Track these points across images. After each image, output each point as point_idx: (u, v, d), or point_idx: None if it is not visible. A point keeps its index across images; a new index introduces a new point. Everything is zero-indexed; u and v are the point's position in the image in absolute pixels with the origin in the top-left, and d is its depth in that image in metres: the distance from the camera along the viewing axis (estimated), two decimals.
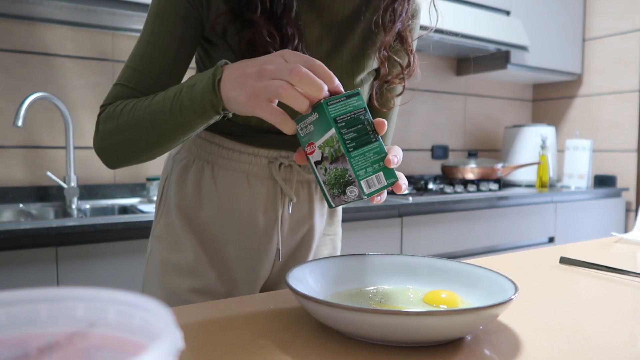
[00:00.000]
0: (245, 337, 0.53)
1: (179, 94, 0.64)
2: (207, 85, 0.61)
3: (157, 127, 0.67)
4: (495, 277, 0.60)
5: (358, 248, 1.78)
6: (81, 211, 1.75)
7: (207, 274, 0.81)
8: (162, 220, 0.84)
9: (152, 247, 0.85)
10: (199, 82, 0.63)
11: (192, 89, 0.63)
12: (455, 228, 2.08)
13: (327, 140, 0.57)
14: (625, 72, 2.79)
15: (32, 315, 0.27)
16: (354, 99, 0.58)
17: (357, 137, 0.57)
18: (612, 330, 0.57)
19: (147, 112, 0.67)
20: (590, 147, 2.68)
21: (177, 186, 0.83)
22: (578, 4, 2.89)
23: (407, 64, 0.83)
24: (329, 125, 0.56)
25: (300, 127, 0.59)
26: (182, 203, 0.82)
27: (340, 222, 0.96)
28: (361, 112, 0.57)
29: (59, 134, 1.81)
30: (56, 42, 1.80)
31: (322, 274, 0.65)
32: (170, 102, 0.65)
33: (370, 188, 0.58)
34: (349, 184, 0.58)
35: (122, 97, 0.73)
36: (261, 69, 0.57)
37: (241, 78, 0.59)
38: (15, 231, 1.24)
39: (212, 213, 0.81)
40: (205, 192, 0.81)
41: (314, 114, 0.57)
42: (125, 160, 0.75)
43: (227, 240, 0.82)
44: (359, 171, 0.57)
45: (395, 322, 0.47)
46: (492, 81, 3.03)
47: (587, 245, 1.09)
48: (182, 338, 0.23)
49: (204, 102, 0.62)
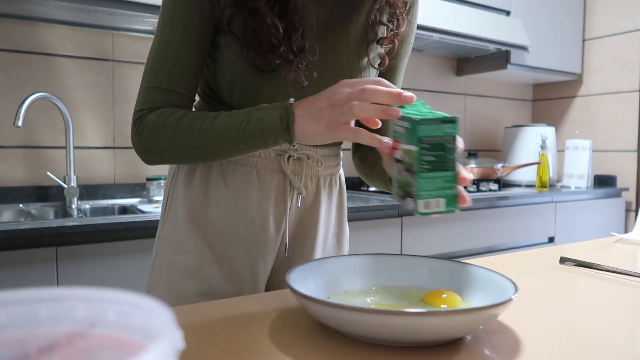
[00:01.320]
0: (245, 337, 0.53)
1: (245, 125, 0.68)
2: (280, 125, 0.66)
3: (218, 151, 0.71)
4: (495, 277, 0.60)
5: (358, 248, 1.78)
6: (81, 211, 1.75)
7: (213, 275, 0.81)
8: (168, 222, 0.84)
9: (158, 249, 0.84)
10: (267, 117, 0.67)
11: (261, 122, 0.67)
12: (455, 228, 2.08)
13: (408, 151, 0.60)
14: (625, 72, 2.79)
15: (32, 315, 0.27)
16: (449, 125, 0.58)
17: (435, 161, 0.58)
18: (612, 330, 0.57)
19: (207, 136, 0.70)
20: (590, 147, 2.68)
21: (184, 186, 0.83)
22: (578, 4, 2.89)
23: (396, 24, 0.84)
24: (414, 141, 0.58)
25: (395, 123, 0.63)
26: (189, 203, 0.82)
27: (346, 222, 0.96)
28: (449, 139, 0.58)
29: (59, 134, 1.81)
30: (56, 42, 1.80)
31: (322, 274, 0.65)
32: (235, 131, 0.69)
33: (426, 209, 0.60)
34: (410, 195, 0.61)
35: (161, 100, 0.74)
36: (332, 99, 0.63)
37: (315, 112, 0.64)
38: (15, 231, 1.24)
39: (220, 210, 0.81)
40: (213, 189, 0.81)
41: (408, 122, 0.59)
42: (167, 163, 0.77)
43: (235, 238, 0.81)
44: (422, 192, 0.59)
45: (395, 322, 0.47)
46: (492, 81, 3.03)
47: (587, 245, 1.09)
48: (182, 338, 0.23)
49: (276, 139, 0.67)
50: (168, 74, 0.74)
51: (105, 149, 1.90)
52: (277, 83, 0.76)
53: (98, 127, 1.88)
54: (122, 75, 1.92)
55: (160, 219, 0.87)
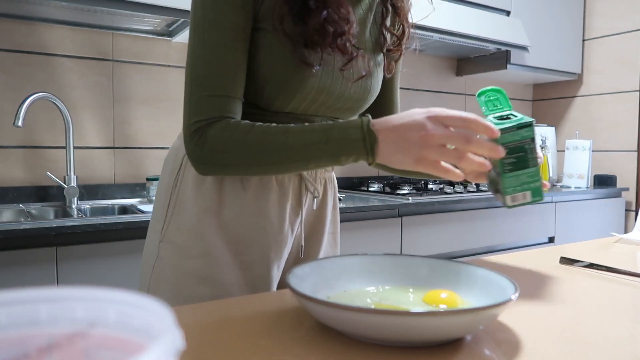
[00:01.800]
0: (245, 337, 0.53)
1: (323, 145, 0.68)
2: (363, 149, 0.66)
3: (287, 168, 0.71)
4: (495, 277, 0.60)
5: (358, 248, 1.78)
6: (81, 211, 1.75)
7: (225, 279, 0.78)
8: (174, 224, 0.80)
9: (162, 253, 0.80)
10: (348, 139, 0.67)
11: (341, 144, 0.67)
12: (455, 228, 2.08)
13: None
14: (625, 72, 2.79)
15: (32, 315, 0.27)
16: (525, 129, 0.64)
17: (516, 162, 0.65)
18: (612, 330, 0.57)
19: (281, 155, 0.69)
20: (590, 147, 2.68)
21: (194, 188, 0.79)
22: (578, 4, 2.89)
23: (401, 33, 0.88)
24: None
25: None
26: (200, 205, 0.78)
27: (339, 220, 0.98)
28: (527, 141, 0.64)
29: (59, 134, 1.81)
30: (56, 42, 1.80)
31: (322, 274, 0.65)
32: (313, 150, 0.68)
33: (514, 202, 0.66)
34: (497, 191, 0.68)
35: (218, 108, 0.72)
36: (427, 138, 0.63)
37: (404, 144, 0.64)
38: (15, 231, 1.24)
39: (236, 212, 0.79)
40: (228, 191, 0.79)
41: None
42: (226, 175, 0.77)
43: (251, 241, 0.80)
44: (508, 188, 0.66)
45: (395, 322, 0.47)
46: (492, 81, 3.03)
47: (587, 245, 1.09)
48: (182, 338, 0.23)
49: (356, 160, 0.68)
50: (222, 79, 0.72)
51: (105, 149, 1.90)
52: (313, 81, 0.76)
53: (98, 127, 1.88)
54: (122, 75, 1.92)
55: (158, 219, 0.82)
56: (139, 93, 1.95)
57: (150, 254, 0.82)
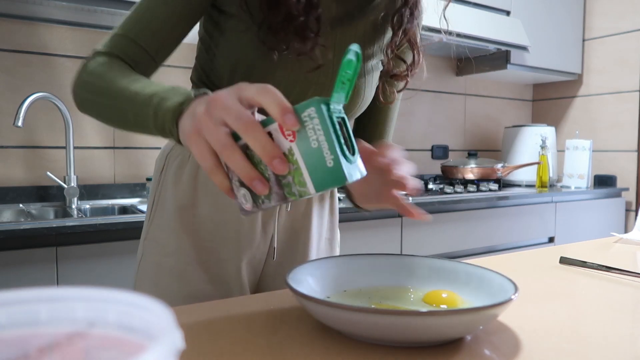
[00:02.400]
0: (245, 337, 0.53)
1: (149, 97, 0.58)
2: (171, 115, 0.55)
3: (123, 118, 0.63)
4: (495, 277, 0.60)
5: (358, 248, 1.78)
6: (81, 211, 1.75)
7: (199, 277, 0.78)
8: (155, 222, 0.81)
9: (145, 250, 0.81)
10: (170, 99, 0.57)
11: (165, 102, 0.57)
12: (455, 228, 2.08)
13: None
14: (625, 72, 2.79)
15: (32, 315, 0.27)
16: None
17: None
18: (612, 330, 0.57)
19: (111, 89, 0.63)
20: (590, 147, 2.68)
21: (172, 185, 0.80)
22: (578, 4, 2.89)
23: (412, 62, 0.83)
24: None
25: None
26: (177, 201, 0.79)
27: (337, 226, 0.95)
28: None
29: (59, 134, 1.81)
30: (56, 42, 1.80)
31: (322, 274, 0.65)
32: (140, 106, 0.59)
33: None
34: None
35: (121, 47, 0.69)
36: (209, 110, 0.49)
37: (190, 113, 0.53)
38: (15, 231, 1.24)
39: (209, 210, 0.79)
40: (201, 188, 0.79)
41: None
42: (89, 114, 0.71)
43: (223, 239, 0.79)
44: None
45: (395, 322, 0.47)
46: (492, 81, 3.03)
47: (587, 245, 1.09)
48: (182, 338, 0.23)
49: (164, 124, 0.56)
50: (141, 25, 0.69)
51: (105, 149, 1.90)
52: (283, 69, 0.73)
53: (98, 127, 1.88)
54: None
55: (146, 219, 0.84)
56: None
57: (138, 253, 0.83)
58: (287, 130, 0.47)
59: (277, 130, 0.48)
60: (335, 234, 0.94)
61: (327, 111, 0.47)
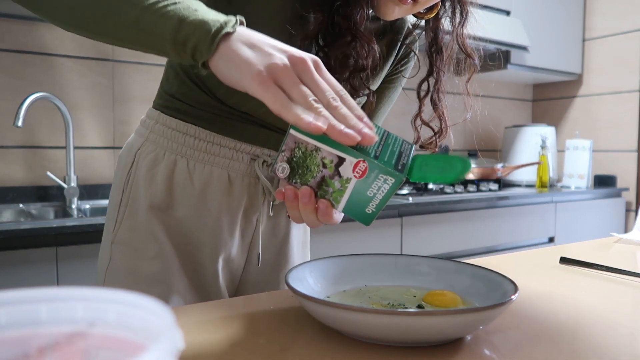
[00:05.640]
0: (245, 337, 0.53)
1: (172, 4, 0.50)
2: (206, 36, 0.49)
3: (114, 15, 0.52)
4: (495, 277, 0.60)
5: (358, 248, 1.78)
6: (81, 211, 1.75)
7: (180, 282, 0.75)
8: (126, 224, 0.75)
9: (113, 255, 0.75)
10: (200, 16, 0.49)
11: (195, 13, 0.49)
12: (455, 228, 2.08)
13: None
14: (625, 72, 2.79)
15: (32, 315, 0.27)
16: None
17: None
18: (612, 330, 0.57)
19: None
20: (590, 147, 2.68)
21: (145, 183, 0.74)
22: (578, 4, 2.89)
23: (439, 129, 0.83)
24: None
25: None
26: (151, 203, 0.73)
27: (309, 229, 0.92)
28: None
29: (59, 134, 1.81)
30: (56, 42, 1.80)
31: (322, 274, 0.65)
32: (155, 5, 0.50)
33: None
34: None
35: None
36: (275, 63, 0.48)
37: (250, 53, 0.49)
38: (15, 231, 1.24)
39: (186, 212, 0.74)
40: (178, 189, 0.74)
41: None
42: (49, 18, 0.57)
43: (202, 242, 0.75)
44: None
45: (395, 322, 0.47)
46: (492, 81, 3.03)
47: (587, 245, 1.09)
48: (182, 338, 0.23)
49: (192, 49, 0.50)
50: None
51: (105, 149, 1.90)
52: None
53: (98, 127, 1.88)
54: (122, 75, 1.92)
55: (110, 220, 0.77)
56: (139, 93, 1.95)
57: (103, 257, 0.77)
58: (359, 171, 0.52)
59: (352, 162, 0.52)
60: (307, 236, 0.91)
61: (399, 185, 0.52)
